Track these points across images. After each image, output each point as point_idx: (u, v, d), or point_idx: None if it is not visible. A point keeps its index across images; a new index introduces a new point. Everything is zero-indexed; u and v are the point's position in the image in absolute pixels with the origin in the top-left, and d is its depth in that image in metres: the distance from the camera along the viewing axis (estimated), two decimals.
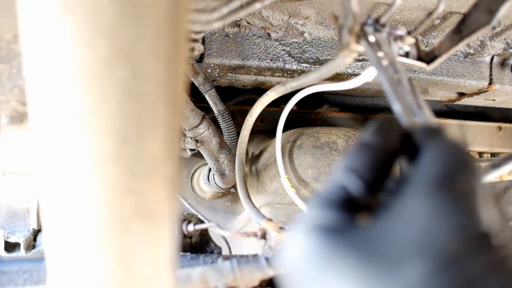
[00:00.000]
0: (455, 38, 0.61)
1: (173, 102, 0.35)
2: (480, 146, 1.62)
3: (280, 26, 1.00)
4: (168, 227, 0.36)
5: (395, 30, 0.60)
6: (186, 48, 0.36)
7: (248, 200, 0.94)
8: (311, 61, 1.06)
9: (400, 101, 0.45)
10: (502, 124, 1.64)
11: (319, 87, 0.89)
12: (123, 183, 0.31)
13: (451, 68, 1.16)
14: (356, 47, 0.55)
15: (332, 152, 1.13)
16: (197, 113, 0.99)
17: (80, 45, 0.27)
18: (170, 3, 0.33)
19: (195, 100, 1.32)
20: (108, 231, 0.32)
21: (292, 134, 1.21)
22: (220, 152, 1.07)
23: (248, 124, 1.03)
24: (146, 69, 0.30)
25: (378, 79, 1.15)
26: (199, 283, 0.57)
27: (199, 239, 1.41)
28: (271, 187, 1.18)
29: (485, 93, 1.23)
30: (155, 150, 0.33)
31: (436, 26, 1.01)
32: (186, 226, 0.75)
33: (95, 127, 0.30)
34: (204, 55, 1.00)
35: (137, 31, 0.29)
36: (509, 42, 1.08)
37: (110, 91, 0.29)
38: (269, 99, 0.95)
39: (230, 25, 1.00)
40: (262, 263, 0.62)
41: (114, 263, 0.32)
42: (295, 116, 1.49)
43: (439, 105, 1.66)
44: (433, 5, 0.89)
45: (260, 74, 1.09)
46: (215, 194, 1.29)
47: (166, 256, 0.37)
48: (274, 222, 0.70)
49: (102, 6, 0.27)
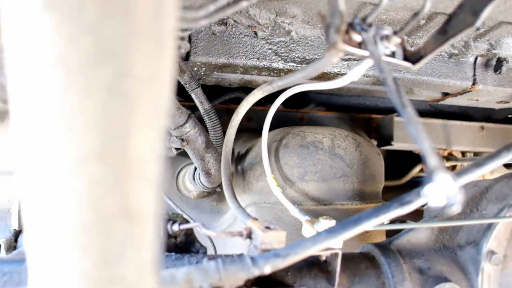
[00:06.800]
0: (440, 39, 0.61)
1: (159, 101, 0.34)
2: (463, 146, 1.64)
3: (267, 24, 1.00)
4: (153, 227, 0.35)
5: (381, 30, 0.60)
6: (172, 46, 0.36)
7: (233, 199, 0.94)
8: (297, 60, 1.06)
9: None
10: (485, 124, 1.67)
11: (305, 86, 0.89)
12: (107, 182, 0.30)
13: (435, 68, 1.17)
14: (343, 46, 0.55)
15: (318, 151, 1.14)
16: (182, 111, 0.98)
17: (62, 42, 0.26)
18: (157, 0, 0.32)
19: (181, 98, 1.31)
20: (91, 232, 0.31)
21: (278, 133, 1.21)
22: (205, 151, 1.06)
23: (234, 123, 1.02)
24: (131, 67, 0.29)
25: (363, 79, 1.16)
26: (184, 283, 0.56)
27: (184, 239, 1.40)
28: (257, 186, 1.18)
29: (469, 93, 1.25)
30: (139, 149, 0.32)
31: (422, 26, 1.02)
32: (171, 226, 0.74)
33: (78, 125, 0.29)
34: (190, 53, 0.99)
35: (122, 28, 0.28)
36: (492, 43, 1.10)
37: (93, 89, 0.28)
38: (255, 98, 0.95)
39: (216, 24, 1.00)
40: (248, 263, 0.62)
41: (97, 264, 0.32)
42: (282, 115, 1.49)
43: (423, 105, 1.68)
44: (418, 5, 0.90)
45: (246, 73, 1.09)
46: (200, 194, 1.28)
47: (150, 257, 0.36)
48: (260, 222, 0.70)
49: (86, 2, 0.26)
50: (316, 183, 1.11)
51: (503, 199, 0.91)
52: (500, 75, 1.21)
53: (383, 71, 0.52)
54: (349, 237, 0.60)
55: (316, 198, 1.12)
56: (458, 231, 0.93)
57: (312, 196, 1.11)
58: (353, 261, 0.87)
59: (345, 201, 1.13)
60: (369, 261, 0.87)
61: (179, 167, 1.35)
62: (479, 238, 0.88)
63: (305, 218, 0.90)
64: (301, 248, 0.61)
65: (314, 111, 1.57)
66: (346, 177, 1.13)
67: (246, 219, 0.80)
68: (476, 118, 1.77)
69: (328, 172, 1.12)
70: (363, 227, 0.60)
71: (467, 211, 0.95)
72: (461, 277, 0.87)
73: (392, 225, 0.95)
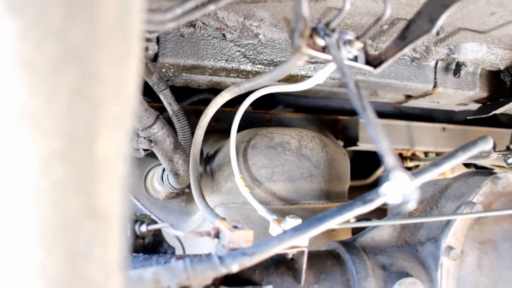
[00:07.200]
0: (400, 44, 0.64)
1: (125, 103, 0.35)
2: (426, 146, 1.70)
3: (235, 27, 1.01)
4: (119, 227, 0.36)
5: (344, 35, 0.62)
6: (139, 48, 0.36)
7: (202, 199, 0.94)
8: (265, 62, 1.08)
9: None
10: (446, 125, 1.74)
11: (272, 88, 0.91)
12: (72, 183, 0.31)
13: (398, 71, 1.21)
14: (307, 51, 0.57)
15: (286, 152, 1.16)
16: (150, 113, 0.98)
17: (27, 46, 0.27)
18: (121, 3, 0.33)
19: (149, 99, 1.31)
20: (57, 231, 0.31)
21: (246, 134, 1.22)
22: (174, 152, 1.07)
23: (202, 124, 1.03)
24: (97, 70, 0.30)
25: (330, 81, 1.18)
26: (152, 283, 0.56)
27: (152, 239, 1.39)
28: (225, 187, 1.19)
29: (430, 95, 1.29)
30: (105, 150, 0.33)
31: (385, 31, 1.06)
32: (138, 226, 0.74)
33: (42, 127, 0.30)
34: (158, 54, 0.99)
35: (87, 32, 0.29)
36: (451, 48, 1.15)
37: (59, 92, 0.28)
38: (223, 100, 0.96)
39: (185, 25, 1.00)
40: (215, 262, 0.63)
41: (64, 263, 0.32)
42: (251, 117, 1.50)
43: (388, 107, 1.73)
44: (381, 11, 0.93)
45: (215, 74, 1.10)
46: (169, 195, 1.28)
47: (117, 256, 0.37)
48: (228, 221, 0.71)
49: (50, 6, 0.27)
50: (283, 183, 1.13)
51: (460, 197, 0.95)
52: (459, 79, 1.26)
53: (345, 75, 0.54)
54: (314, 235, 0.62)
55: (283, 197, 1.14)
56: (419, 228, 0.97)
57: (280, 196, 1.13)
58: (319, 258, 0.89)
59: (312, 200, 1.16)
60: (335, 258, 0.90)
61: (147, 168, 1.34)
62: (438, 234, 0.92)
63: (272, 218, 0.92)
64: (268, 246, 0.62)
65: (282, 113, 1.60)
66: (312, 177, 1.16)
67: (214, 219, 0.81)
68: (438, 120, 1.84)
69: (295, 172, 1.14)
70: (327, 225, 0.62)
71: (428, 209, 0.99)
72: (421, 272, 0.90)
73: (356, 223, 0.98)
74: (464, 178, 1.02)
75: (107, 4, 0.31)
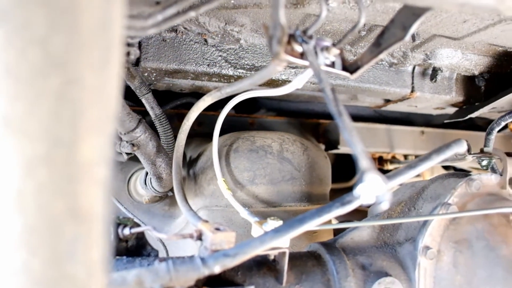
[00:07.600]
0: (375, 51, 0.66)
1: (107, 107, 0.36)
2: (405, 149, 1.74)
3: (217, 32, 1.02)
4: (102, 228, 0.37)
5: (321, 41, 0.64)
6: (120, 54, 0.38)
7: (185, 203, 0.95)
8: (247, 67, 1.09)
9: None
10: (425, 129, 1.78)
11: (253, 93, 0.92)
12: (55, 185, 0.32)
13: (377, 76, 1.24)
14: (285, 57, 0.59)
15: (267, 155, 1.17)
16: (133, 117, 0.99)
17: (11, 53, 0.28)
18: (103, 10, 0.34)
19: (132, 103, 1.31)
20: (40, 233, 0.32)
21: (228, 138, 1.24)
22: (157, 155, 1.07)
23: (185, 128, 1.04)
24: (78, 76, 0.31)
25: (310, 86, 1.21)
26: (135, 284, 0.57)
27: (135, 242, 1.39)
28: (208, 190, 1.20)
29: (408, 99, 1.33)
30: (88, 154, 0.34)
31: (363, 37, 1.08)
32: (122, 229, 0.75)
33: (26, 131, 0.31)
34: (140, 59, 1.00)
35: (69, 39, 0.30)
36: (428, 54, 1.18)
37: (42, 97, 0.30)
38: (205, 104, 0.97)
39: (167, 30, 1.01)
40: (198, 263, 0.64)
41: (47, 264, 0.33)
42: (233, 120, 1.52)
43: (368, 111, 1.77)
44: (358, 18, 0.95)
45: (197, 79, 1.11)
46: (152, 198, 1.28)
47: (100, 256, 0.37)
48: (210, 223, 0.72)
49: (33, 14, 0.28)
50: (265, 186, 1.15)
51: (437, 198, 0.98)
52: (435, 84, 1.30)
53: (322, 81, 0.56)
54: (295, 236, 0.64)
55: (265, 200, 1.15)
56: (397, 229, 0.99)
57: (262, 199, 1.15)
58: (300, 259, 0.90)
59: (293, 203, 1.18)
60: (316, 259, 0.92)
61: (130, 172, 1.35)
62: (416, 235, 0.94)
63: (254, 220, 0.93)
64: (249, 248, 0.64)
65: (265, 116, 1.62)
66: (294, 180, 1.18)
67: (197, 222, 0.82)
68: (417, 124, 1.88)
69: (277, 175, 1.16)
70: (307, 226, 0.64)
71: (406, 210, 1.02)
72: (400, 271, 0.93)
73: (336, 224, 1.00)
74: (440, 180, 1.05)
75: (88, 12, 0.32)
